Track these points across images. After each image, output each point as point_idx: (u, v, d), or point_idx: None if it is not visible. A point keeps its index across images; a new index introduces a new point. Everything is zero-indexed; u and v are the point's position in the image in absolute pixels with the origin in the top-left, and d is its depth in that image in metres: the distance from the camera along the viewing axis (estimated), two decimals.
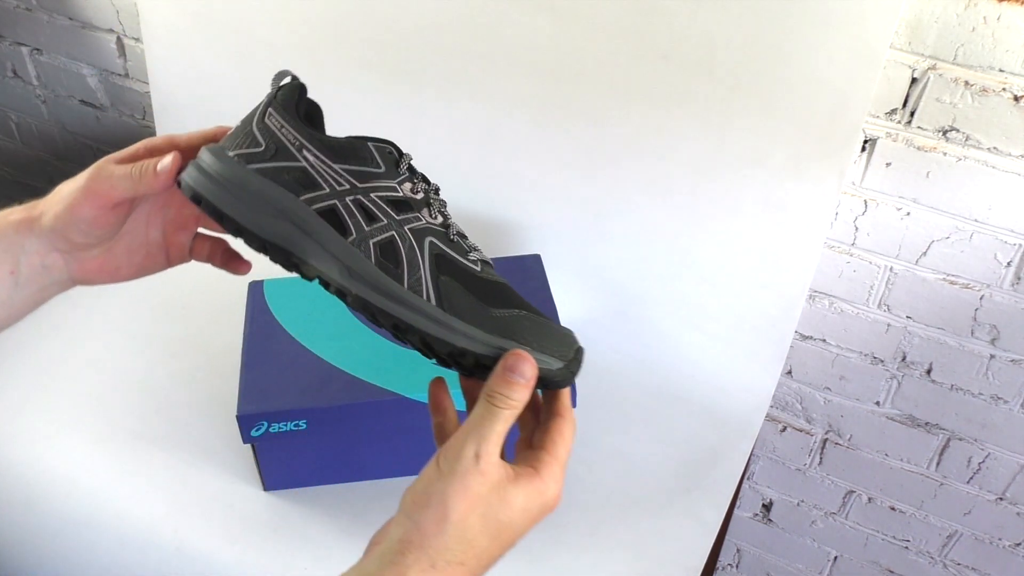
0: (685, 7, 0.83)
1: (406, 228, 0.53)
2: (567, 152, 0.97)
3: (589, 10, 0.87)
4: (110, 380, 0.95)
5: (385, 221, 0.53)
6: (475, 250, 0.55)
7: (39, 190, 1.61)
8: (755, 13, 0.81)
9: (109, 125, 1.37)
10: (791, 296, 0.95)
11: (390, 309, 0.52)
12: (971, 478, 1.08)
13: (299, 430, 0.80)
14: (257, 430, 0.79)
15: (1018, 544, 1.12)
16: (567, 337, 0.54)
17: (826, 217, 0.90)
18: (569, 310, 0.93)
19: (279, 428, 0.79)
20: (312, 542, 0.81)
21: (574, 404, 0.84)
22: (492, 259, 0.57)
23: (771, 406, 1.13)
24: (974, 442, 1.04)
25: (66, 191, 0.56)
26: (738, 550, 1.36)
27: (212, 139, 0.58)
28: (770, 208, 0.91)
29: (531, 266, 0.94)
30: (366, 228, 0.52)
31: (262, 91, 0.58)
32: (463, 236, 0.55)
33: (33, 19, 1.29)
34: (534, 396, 0.54)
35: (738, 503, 1.27)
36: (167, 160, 0.54)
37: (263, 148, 0.54)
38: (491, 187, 1.03)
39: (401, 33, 0.98)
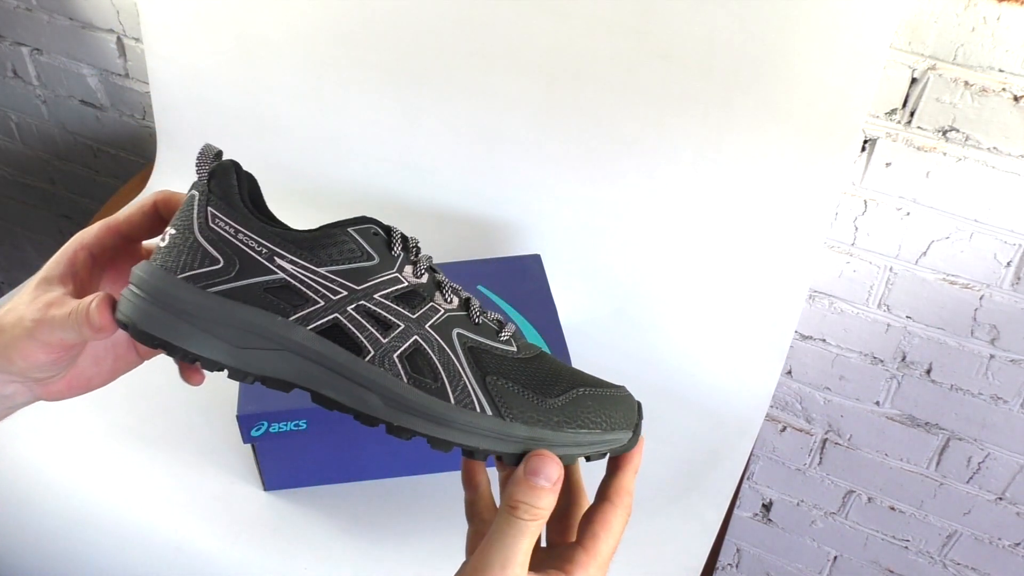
0: (685, 7, 0.83)
1: (427, 327, 0.45)
2: (567, 152, 0.97)
3: (589, 10, 0.87)
4: None
5: (402, 325, 0.45)
6: (497, 320, 0.48)
7: (39, 190, 1.61)
8: (755, 13, 0.81)
9: (109, 125, 1.37)
10: (791, 296, 0.95)
11: (447, 436, 0.44)
12: (971, 478, 1.08)
13: (299, 430, 0.79)
14: (257, 430, 0.79)
15: (1018, 544, 1.12)
16: (627, 398, 0.48)
17: (826, 217, 0.90)
18: (569, 310, 0.93)
19: (279, 428, 0.79)
20: (312, 542, 0.81)
21: None
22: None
23: (771, 406, 1.13)
24: (974, 442, 1.04)
25: (11, 335, 0.47)
26: (738, 550, 1.36)
27: (151, 212, 0.50)
28: (770, 208, 0.91)
29: (531, 266, 0.94)
30: (384, 340, 0.44)
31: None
32: (482, 310, 0.48)
33: (33, 19, 1.29)
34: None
35: (738, 503, 1.27)
36: (92, 308, 0.45)
37: (222, 264, 0.44)
38: (491, 187, 1.03)
39: (401, 33, 0.98)
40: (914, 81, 0.82)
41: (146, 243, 0.52)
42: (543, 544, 0.49)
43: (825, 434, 1.13)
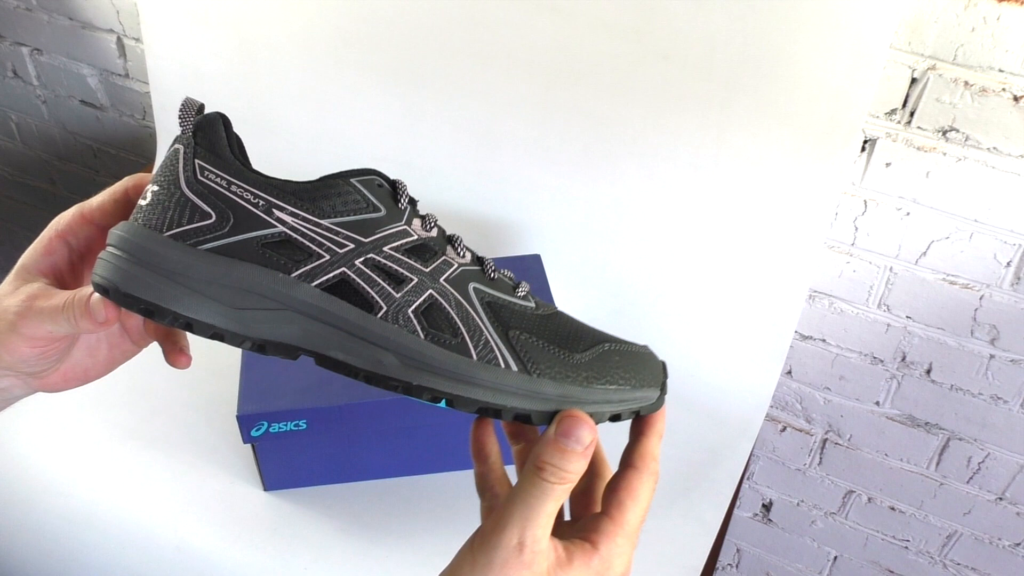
0: (685, 7, 0.83)
1: (441, 281, 0.42)
2: (567, 152, 0.97)
3: (589, 10, 0.87)
4: (110, 380, 0.94)
5: (415, 279, 0.42)
6: (511, 277, 0.46)
7: (39, 190, 1.61)
8: (755, 13, 0.81)
9: (109, 125, 1.37)
10: (791, 296, 0.95)
11: (471, 395, 0.41)
12: (971, 478, 1.08)
13: (299, 430, 0.80)
14: (257, 430, 0.79)
15: (1018, 544, 1.12)
16: (652, 355, 0.46)
17: (826, 217, 0.90)
18: (569, 310, 0.93)
19: (279, 428, 0.79)
20: (312, 542, 0.81)
21: None
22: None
23: (771, 406, 1.13)
24: (974, 442, 1.04)
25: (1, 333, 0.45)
26: (738, 550, 1.36)
27: (122, 199, 0.48)
28: (770, 208, 0.91)
29: (531, 266, 0.94)
30: (396, 295, 0.41)
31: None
32: (495, 267, 0.45)
33: (33, 19, 1.29)
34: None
35: (738, 503, 1.27)
36: (95, 301, 0.43)
37: (213, 219, 0.40)
38: (491, 187, 1.03)
39: (401, 33, 0.98)
40: (914, 81, 0.82)
41: None
42: (566, 518, 0.47)
43: (825, 434, 1.13)
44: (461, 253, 0.44)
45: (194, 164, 0.41)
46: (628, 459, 0.45)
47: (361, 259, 0.41)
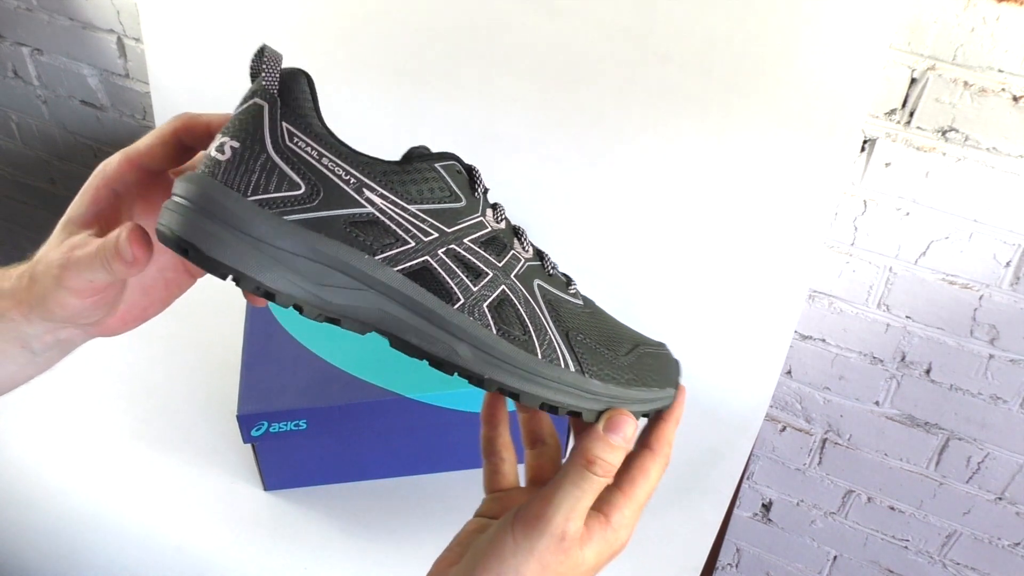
0: (685, 7, 0.83)
1: (512, 277, 0.44)
2: (567, 152, 0.97)
3: (589, 10, 0.87)
4: (110, 380, 0.95)
5: (491, 274, 0.43)
6: (563, 273, 0.48)
7: (39, 190, 1.61)
8: (755, 13, 0.81)
9: (109, 125, 1.37)
10: (791, 296, 0.95)
11: (535, 391, 0.43)
12: (970, 478, 1.08)
13: (299, 430, 0.80)
14: (257, 430, 0.79)
15: (1017, 544, 1.12)
16: (670, 356, 0.49)
17: (826, 217, 0.90)
18: None
19: (279, 428, 0.79)
20: (312, 542, 0.81)
21: None
22: (548, 254, 0.49)
23: (771, 406, 1.13)
24: (973, 442, 1.04)
25: (44, 285, 0.45)
26: (738, 550, 1.36)
27: (171, 141, 0.46)
28: (770, 208, 0.91)
29: None
30: (474, 288, 0.42)
31: None
32: (552, 262, 0.47)
33: (33, 19, 1.29)
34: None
35: (738, 503, 1.27)
36: (122, 240, 0.41)
37: (302, 191, 0.39)
38: (491, 187, 1.03)
39: (401, 33, 0.98)
40: (914, 81, 0.82)
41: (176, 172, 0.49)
42: None
43: (825, 434, 1.13)
44: (526, 247, 0.46)
45: (282, 127, 0.39)
46: (645, 440, 0.47)
47: (443, 249, 0.42)
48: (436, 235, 0.41)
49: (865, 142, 0.88)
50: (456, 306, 0.42)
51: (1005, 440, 1.02)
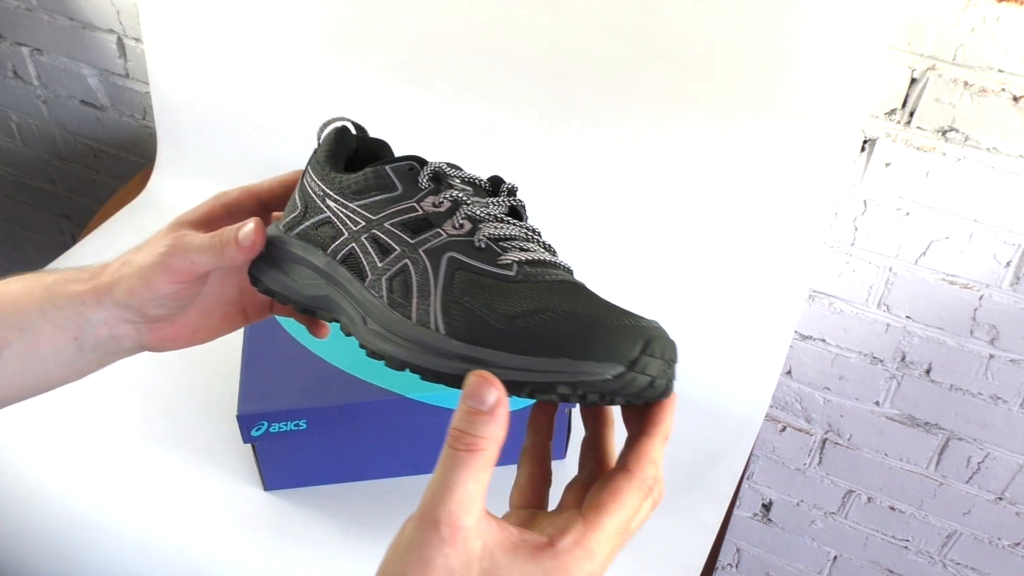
0: (685, 7, 0.83)
1: (420, 251, 0.44)
2: (567, 152, 0.97)
3: (589, 10, 0.87)
4: (110, 380, 0.95)
5: (399, 250, 0.45)
6: (523, 250, 0.45)
7: (39, 190, 1.61)
8: (755, 13, 0.81)
9: (109, 125, 1.37)
10: (791, 296, 0.95)
11: (397, 354, 0.43)
12: (970, 478, 1.08)
13: (299, 430, 0.80)
14: (257, 430, 0.79)
15: (1017, 544, 1.12)
16: (632, 330, 0.40)
17: (826, 217, 0.90)
18: None
19: (279, 428, 0.79)
20: (312, 542, 0.81)
21: (573, 404, 0.84)
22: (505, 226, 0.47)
23: (771, 406, 1.13)
24: (973, 442, 1.04)
25: (140, 263, 0.49)
26: (738, 550, 1.36)
27: (291, 185, 0.53)
28: (770, 208, 0.91)
29: None
30: (379, 264, 0.45)
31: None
32: (509, 238, 0.45)
33: (33, 19, 1.29)
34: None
35: (738, 503, 1.27)
36: (249, 228, 0.48)
37: (298, 210, 0.50)
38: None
39: (401, 33, 0.98)
40: (914, 81, 0.82)
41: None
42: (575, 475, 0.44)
43: (825, 434, 1.13)
44: (458, 225, 0.45)
45: (305, 170, 0.51)
46: (623, 459, 0.40)
47: (366, 234, 0.46)
48: (363, 223, 0.46)
49: (865, 142, 0.88)
50: (365, 283, 0.45)
51: (1005, 440, 1.02)
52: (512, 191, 0.48)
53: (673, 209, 0.96)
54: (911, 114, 0.84)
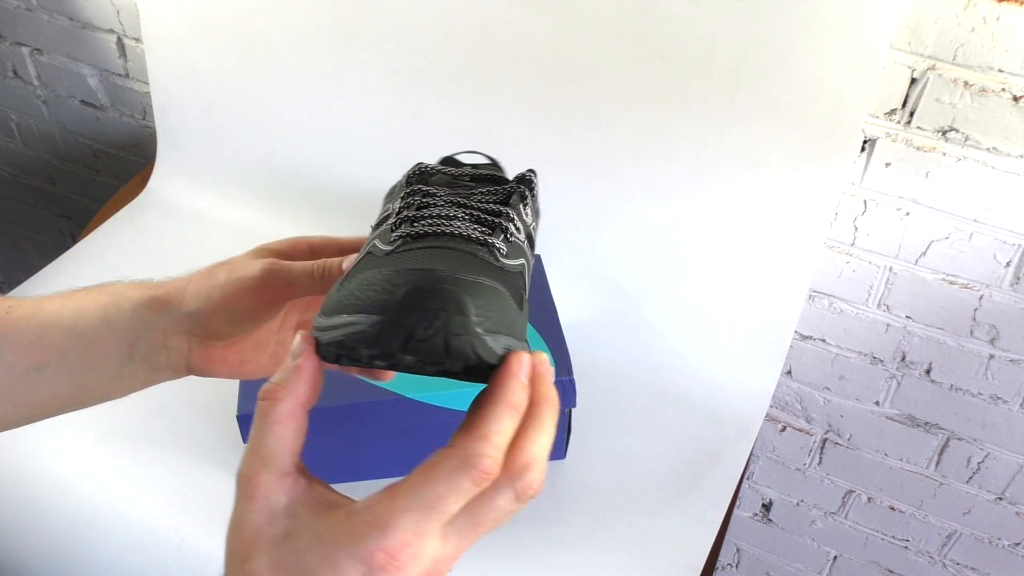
0: (685, 7, 0.83)
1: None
2: (567, 152, 0.97)
3: (589, 10, 0.87)
4: None
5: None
6: (403, 227, 0.43)
7: (39, 190, 1.61)
8: (755, 13, 0.81)
9: (109, 125, 1.37)
10: (791, 296, 0.95)
11: None
12: (970, 478, 1.08)
13: None
14: None
15: (1017, 544, 1.12)
16: (396, 277, 0.37)
17: (826, 217, 0.90)
18: (569, 310, 0.93)
19: None
20: None
21: (572, 404, 0.84)
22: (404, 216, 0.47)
23: (771, 406, 1.13)
24: (973, 442, 1.04)
25: (226, 278, 0.49)
26: (738, 550, 1.36)
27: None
28: (770, 208, 0.91)
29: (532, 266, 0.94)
30: None
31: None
32: (398, 224, 0.44)
33: (33, 19, 1.29)
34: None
35: (738, 503, 1.27)
36: (352, 259, 0.47)
37: None
38: None
39: (401, 33, 0.98)
40: (914, 81, 0.82)
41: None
42: None
43: (825, 434, 1.13)
44: (397, 226, 0.44)
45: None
46: (453, 435, 0.37)
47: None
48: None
49: (865, 142, 0.88)
50: None
51: (1005, 440, 1.02)
52: (420, 173, 0.49)
53: (673, 209, 0.96)
54: (911, 114, 0.84)
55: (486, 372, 0.37)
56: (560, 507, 0.85)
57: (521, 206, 0.49)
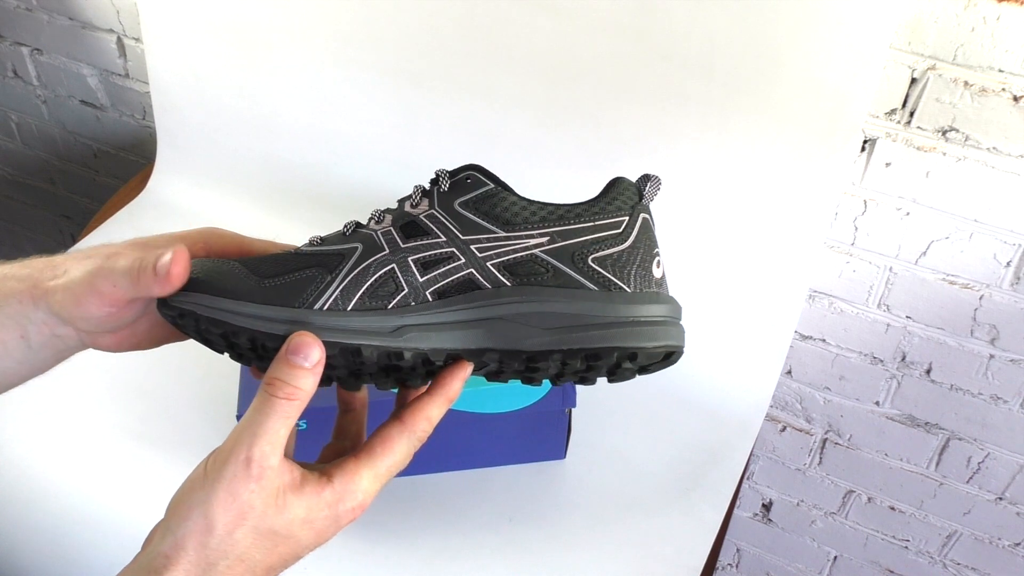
0: (685, 7, 0.83)
1: None
2: (567, 152, 0.97)
3: (589, 10, 0.87)
4: (110, 380, 0.95)
5: None
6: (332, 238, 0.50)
7: (39, 190, 1.61)
8: (755, 13, 0.81)
9: (109, 125, 1.37)
10: (791, 296, 0.95)
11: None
12: (971, 478, 1.08)
13: (299, 430, 0.79)
14: None
15: (1017, 544, 1.12)
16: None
17: (826, 217, 0.90)
18: None
19: None
20: None
21: (572, 404, 0.84)
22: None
23: (771, 406, 1.13)
24: (973, 442, 1.04)
25: (72, 278, 0.47)
26: (738, 550, 1.36)
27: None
28: (770, 208, 0.91)
29: None
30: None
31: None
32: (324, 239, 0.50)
33: (33, 19, 1.29)
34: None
35: (738, 503, 1.27)
36: (166, 258, 0.44)
37: None
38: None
39: (401, 33, 0.98)
40: (914, 81, 0.82)
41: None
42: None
43: (825, 434, 1.13)
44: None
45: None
46: (399, 413, 0.46)
47: None
48: None
49: (865, 142, 0.88)
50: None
51: (1005, 440, 1.02)
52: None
53: (673, 209, 0.96)
54: (911, 114, 0.84)
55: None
56: (560, 507, 0.85)
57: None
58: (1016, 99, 0.79)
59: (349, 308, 0.46)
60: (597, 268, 0.47)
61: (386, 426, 0.45)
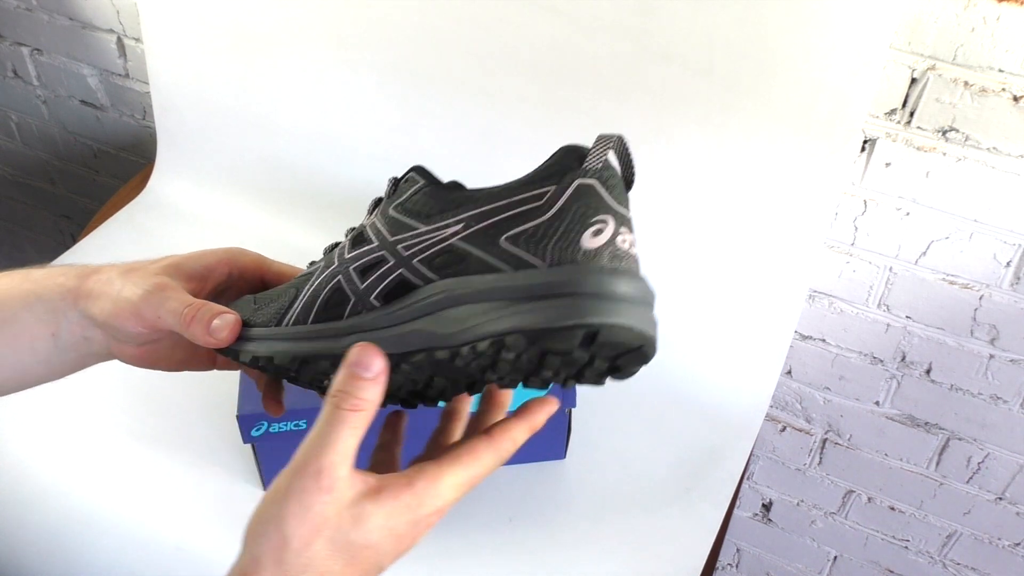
0: (685, 7, 0.83)
1: None
2: None
3: (589, 10, 0.87)
4: (110, 380, 0.95)
5: None
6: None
7: (39, 190, 1.61)
8: (755, 13, 0.81)
9: (109, 125, 1.37)
10: (791, 296, 0.95)
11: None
12: (970, 478, 1.08)
13: (299, 430, 0.80)
14: (257, 430, 0.79)
15: (1017, 544, 1.12)
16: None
17: (826, 217, 0.90)
18: None
19: (279, 428, 0.79)
20: None
21: (572, 404, 0.84)
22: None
23: (771, 406, 1.13)
24: (973, 442, 1.04)
25: (118, 293, 0.49)
26: (738, 550, 1.36)
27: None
28: (770, 208, 0.91)
29: None
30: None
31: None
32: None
33: (33, 19, 1.29)
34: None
35: (738, 503, 1.27)
36: (227, 321, 0.48)
37: None
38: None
39: (401, 33, 0.98)
40: (914, 81, 0.82)
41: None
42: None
43: (825, 434, 1.13)
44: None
45: None
46: (488, 428, 0.46)
47: None
48: None
49: (865, 142, 0.88)
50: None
51: (1005, 440, 1.02)
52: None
53: (673, 209, 0.96)
54: (911, 114, 0.84)
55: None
56: (560, 507, 0.85)
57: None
58: (1016, 99, 0.79)
59: (309, 322, 0.48)
60: (507, 247, 0.43)
61: (474, 440, 0.45)
